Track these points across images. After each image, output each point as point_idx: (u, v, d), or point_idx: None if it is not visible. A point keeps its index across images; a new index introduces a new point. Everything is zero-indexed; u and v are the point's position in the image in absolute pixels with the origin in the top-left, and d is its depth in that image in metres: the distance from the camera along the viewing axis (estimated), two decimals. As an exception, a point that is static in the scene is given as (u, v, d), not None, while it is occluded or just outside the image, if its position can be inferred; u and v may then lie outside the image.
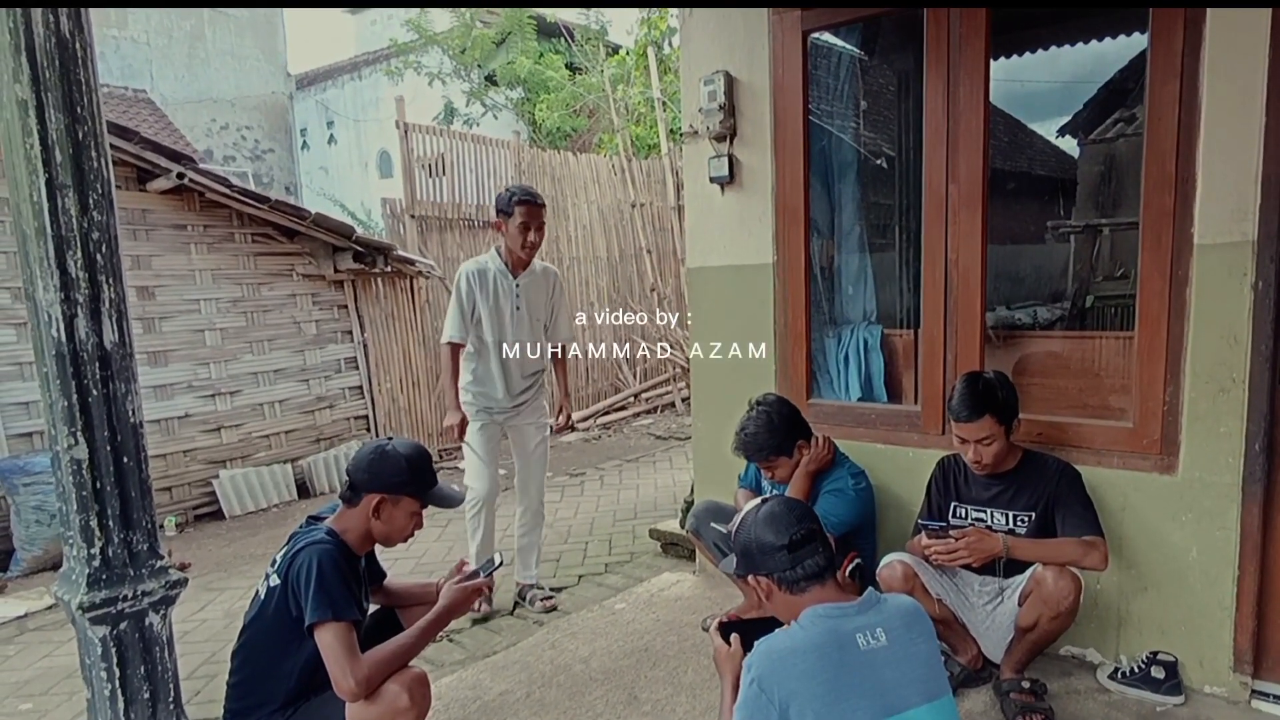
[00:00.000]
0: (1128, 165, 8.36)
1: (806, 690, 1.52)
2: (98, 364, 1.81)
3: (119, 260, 1.84)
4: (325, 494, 6.14)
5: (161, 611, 1.91)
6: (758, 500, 1.82)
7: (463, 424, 3.51)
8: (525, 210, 3.42)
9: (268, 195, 5.77)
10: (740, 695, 1.60)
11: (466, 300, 3.47)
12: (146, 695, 1.90)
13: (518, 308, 3.53)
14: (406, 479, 2.21)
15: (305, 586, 2.04)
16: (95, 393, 1.80)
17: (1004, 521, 2.54)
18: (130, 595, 1.84)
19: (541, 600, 3.66)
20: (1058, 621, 2.36)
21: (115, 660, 1.86)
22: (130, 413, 1.86)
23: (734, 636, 1.86)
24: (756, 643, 1.63)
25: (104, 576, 1.81)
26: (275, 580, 2.13)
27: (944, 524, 2.52)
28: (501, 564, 2.48)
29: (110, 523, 1.83)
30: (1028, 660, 2.51)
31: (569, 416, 3.84)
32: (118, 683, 1.87)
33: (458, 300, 3.47)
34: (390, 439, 2.29)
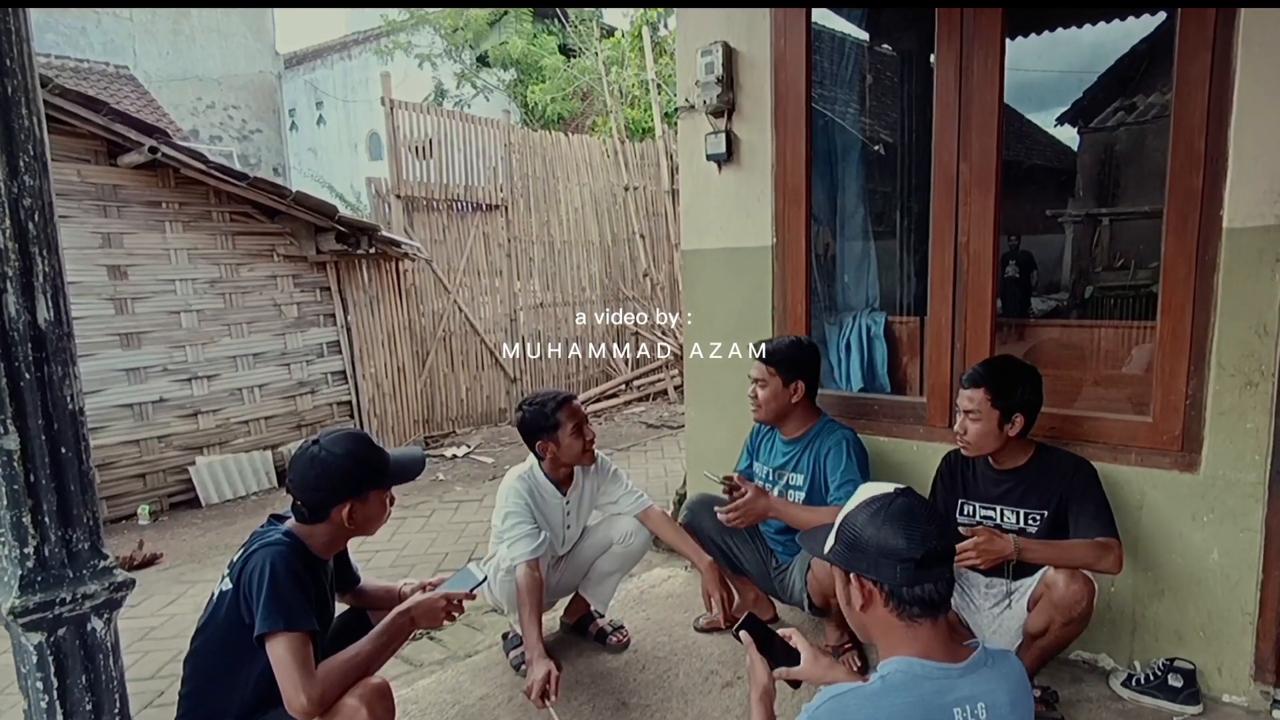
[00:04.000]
0: (1129, 154, 8.25)
1: None
2: (30, 345, 1.63)
3: (55, 230, 1.66)
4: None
5: (105, 616, 1.74)
6: (890, 489, 1.39)
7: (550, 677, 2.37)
8: (571, 410, 2.74)
9: (246, 173, 5.56)
10: None
11: (524, 513, 2.70)
12: (89, 707, 1.74)
13: (568, 526, 2.89)
14: (362, 476, 2.03)
15: (257, 593, 1.87)
16: (28, 376, 1.62)
17: (1014, 520, 2.40)
18: (69, 598, 1.67)
19: (614, 636, 2.96)
20: (1070, 628, 2.21)
21: (53, 669, 1.69)
22: (68, 398, 1.68)
23: (743, 633, 1.62)
24: (827, 693, 1.31)
25: (39, 578, 1.64)
26: (228, 584, 1.96)
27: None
28: (485, 581, 2.27)
29: (46, 519, 1.65)
30: (1037, 667, 2.37)
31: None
32: (55, 694, 1.70)
33: (514, 515, 2.69)
34: (317, 441, 2.04)
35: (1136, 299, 4.87)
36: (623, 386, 8.70)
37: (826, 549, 1.41)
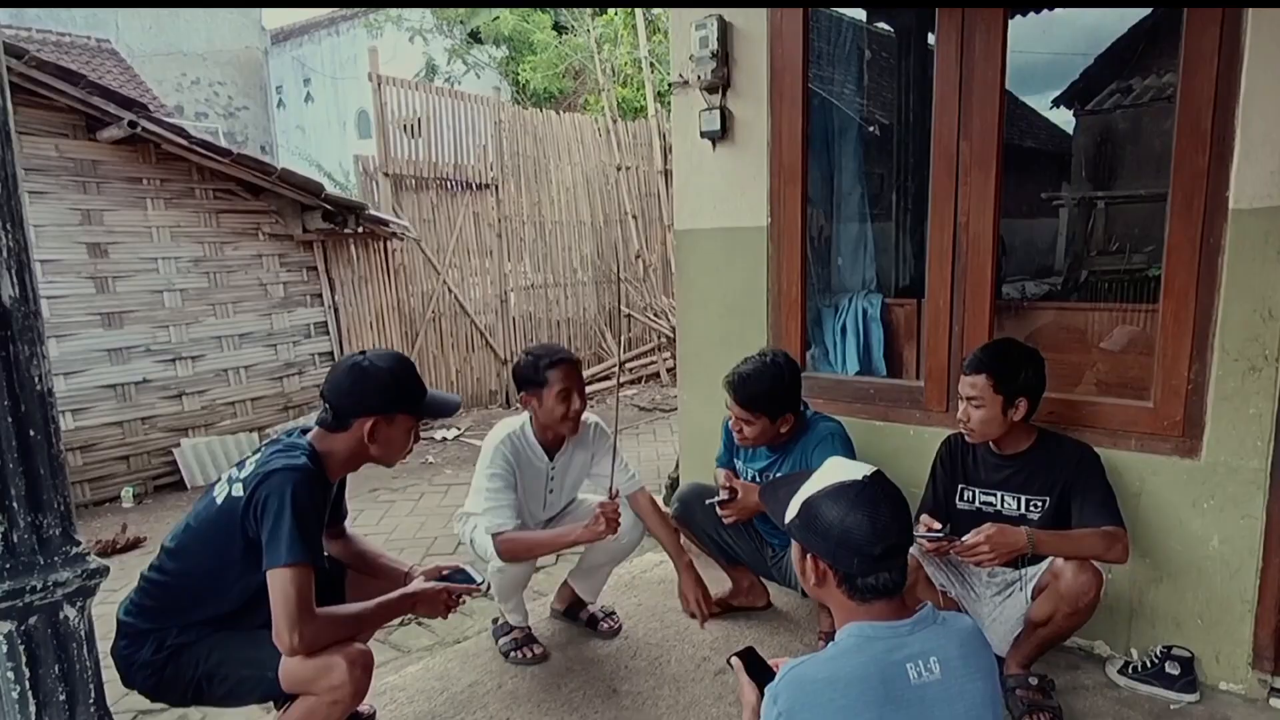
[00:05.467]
0: (1125, 137, 8.19)
1: (845, 716, 1.28)
2: (-7, 323, 1.56)
3: (19, 204, 1.58)
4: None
5: (78, 604, 1.69)
6: (859, 474, 1.40)
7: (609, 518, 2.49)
8: (564, 373, 2.58)
9: (230, 148, 5.44)
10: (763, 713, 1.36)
11: (508, 476, 2.59)
12: (63, 697, 1.68)
13: (550, 491, 2.78)
14: (397, 395, 1.99)
15: (275, 519, 1.81)
16: (-8, 356, 1.56)
17: (1015, 506, 2.35)
18: (40, 586, 1.61)
19: (606, 623, 2.92)
20: (1075, 618, 2.18)
21: (24, 659, 1.63)
22: (36, 379, 1.61)
23: (734, 660, 1.58)
24: (785, 667, 1.37)
25: (8, 566, 1.58)
26: (239, 491, 1.88)
27: (943, 532, 2.28)
28: (486, 588, 2.22)
29: (14, 505, 1.59)
30: (1035, 656, 2.34)
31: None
32: (28, 684, 1.64)
33: (498, 477, 2.57)
34: (364, 353, 2.03)
35: (1133, 283, 4.83)
36: (615, 369, 8.64)
37: (787, 519, 1.44)
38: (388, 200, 6.87)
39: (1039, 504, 2.32)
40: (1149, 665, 2.40)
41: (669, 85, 3.43)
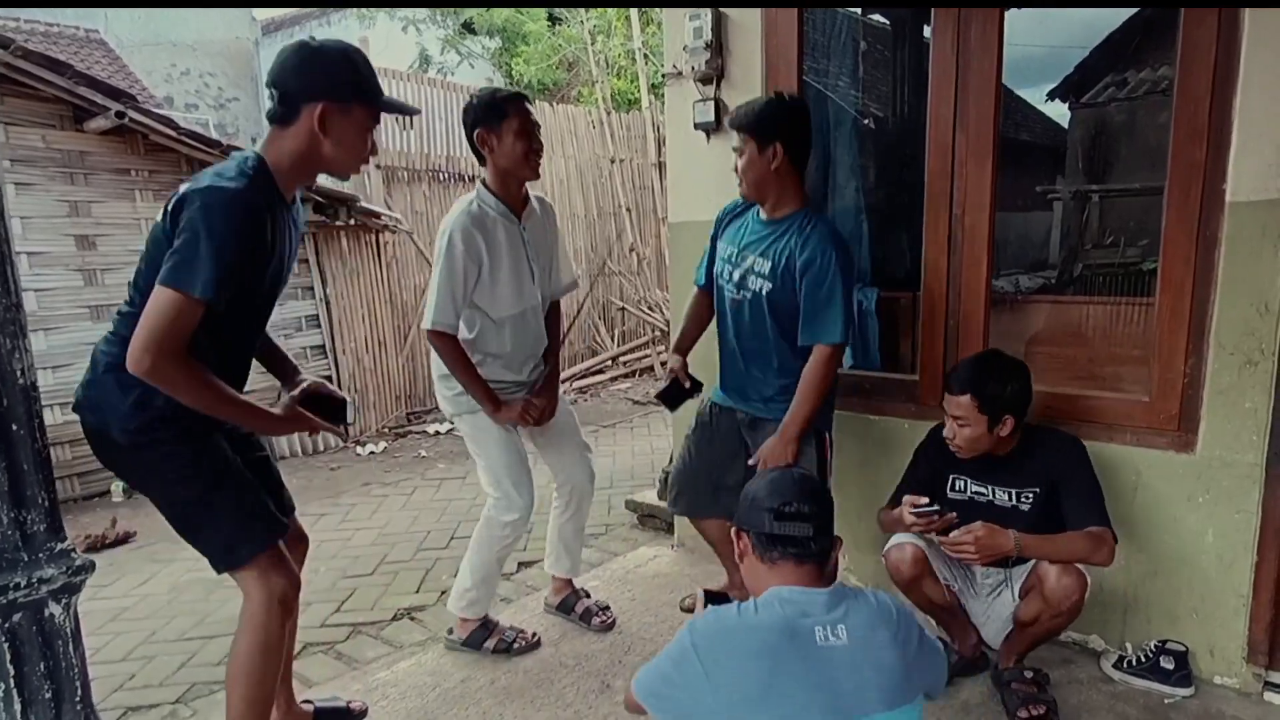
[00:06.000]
0: (1120, 130, 8.19)
1: (741, 672, 1.40)
2: (-26, 316, 1.53)
3: (0, 195, 1.55)
4: (286, 458, 5.88)
5: (63, 601, 1.66)
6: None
7: (522, 408, 2.61)
8: (522, 107, 2.45)
9: (219, 139, 5.39)
10: (675, 646, 1.49)
11: (467, 268, 2.44)
12: (48, 695, 1.66)
13: (531, 260, 2.62)
14: (351, 77, 1.78)
15: (187, 242, 1.63)
16: (-28, 350, 1.53)
17: (1007, 499, 2.34)
18: (24, 583, 1.58)
19: (599, 617, 2.88)
20: (1060, 619, 2.18)
21: (9, 657, 1.61)
22: (19, 372, 1.58)
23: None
24: (710, 609, 1.53)
25: (-9, 563, 1.56)
26: (161, 226, 1.72)
27: (935, 507, 2.26)
28: (352, 420, 2.13)
29: (-3, 500, 1.57)
30: (1027, 651, 2.33)
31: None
32: (13, 682, 1.62)
33: (451, 270, 2.42)
34: (312, 37, 1.81)
35: (1127, 276, 4.83)
36: (609, 362, 8.62)
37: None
38: (379, 192, 6.83)
39: (1030, 495, 2.31)
40: (1144, 659, 2.39)
41: (663, 77, 3.40)
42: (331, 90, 1.77)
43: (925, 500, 2.26)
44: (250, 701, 1.97)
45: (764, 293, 2.42)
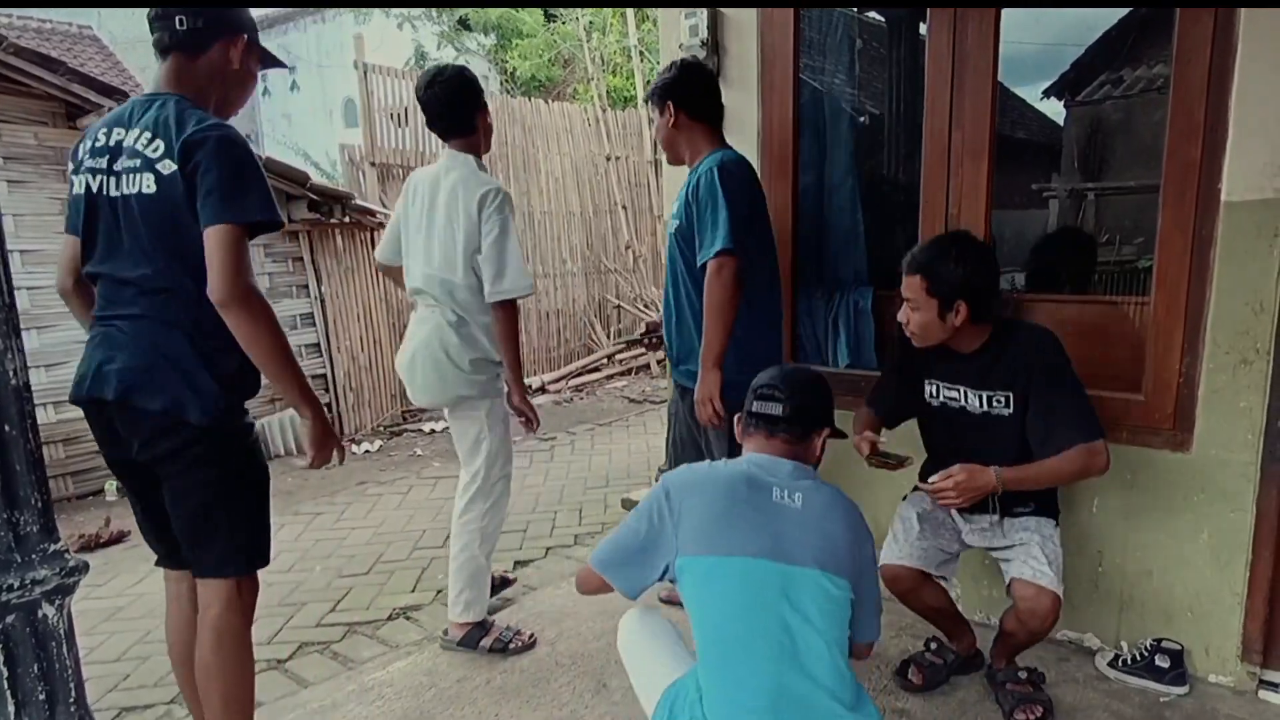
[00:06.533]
0: (1116, 128, 8.21)
1: (702, 506, 1.62)
2: (-36, 316, 1.52)
3: (-8, 192, 1.54)
4: (281, 456, 5.86)
5: (57, 602, 1.65)
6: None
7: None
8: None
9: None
10: (639, 506, 1.72)
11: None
12: (42, 696, 1.65)
13: None
14: (246, 18, 1.91)
15: (226, 170, 1.70)
16: (-37, 350, 1.51)
17: (979, 404, 2.19)
18: (17, 584, 1.58)
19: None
20: (1037, 635, 2.18)
21: (2, 659, 1.60)
22: (11, 373, 1.57)
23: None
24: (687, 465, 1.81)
25: (-16, 564, 1.55)
26: (166, 165, 1.71)
27: (888, 452, 2.22)
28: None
29: (-11, 502, 1.56)
30: (1010, 656, 2.33)
31: None
32: (6, 684, 1.61)
33: (513, 235, 2.58)
34: None
35: (1123, 274, 4.84)
36: (605, 360, 8.61)
37: None
38: (374, 190, 6.81)
39: (1002, 399, 2.17)
40: (1139, 658, 2.40)
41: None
42: (237, 25, 1.88)
43: (873, 437, 2.25)
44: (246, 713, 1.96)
45: (672, 231, 2.52)
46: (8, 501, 1.58)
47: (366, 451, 6.09)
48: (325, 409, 2.12)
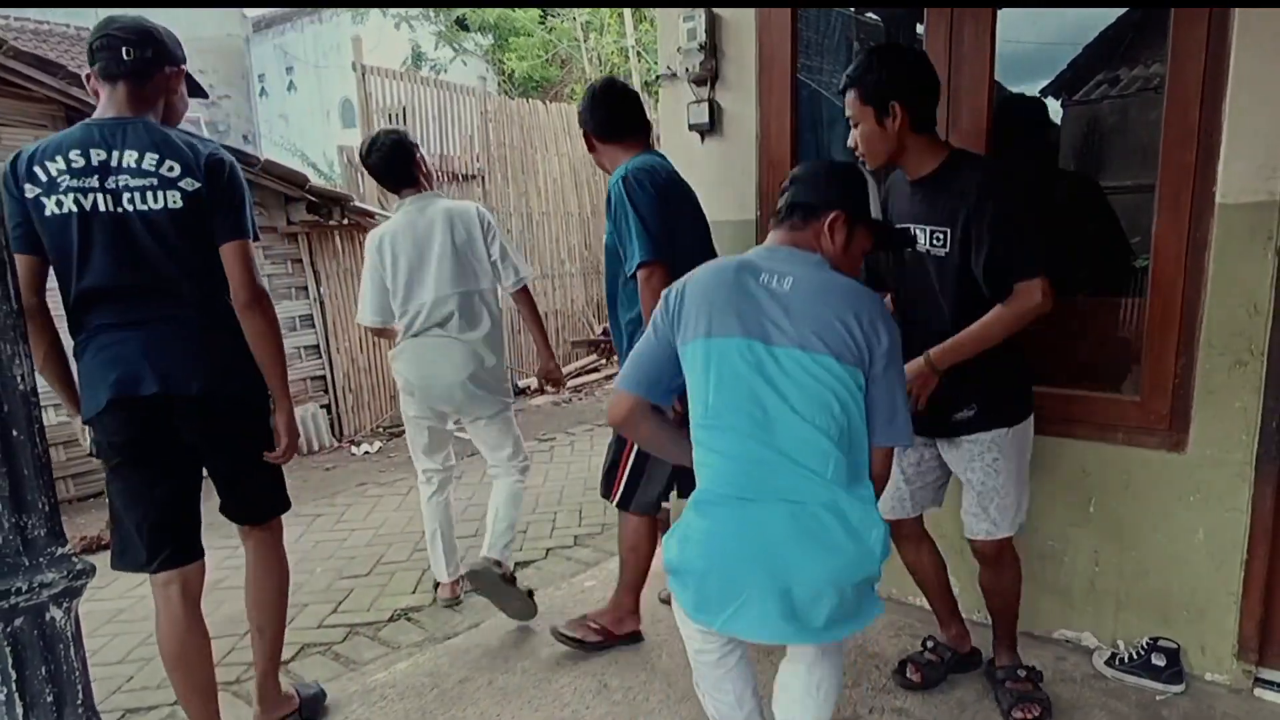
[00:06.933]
0: (1113, 128, 8.23)
1: (694, 298, 1.68)
2: (-25, 323, 1.53)
3: (0, 203, 1.55)
4: (281, 457, 5.87)
5: (64, 604, 1.66)
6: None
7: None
8: None
9: (212, 139, 5.37)
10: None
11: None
12: (50, 699, 1.66)
13: None
14: (180, 51, 2.11)
15: (240, 200, 2.06)
16: (-27, 356, 1.53)
17: (923, 240, 2.09)
18: (25, 588, 1.58)
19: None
20: (1004, 591, 2.29)
21: (10, 661, 1.60)
22: (19, 379, 1.57)
23: None
24: None
25: (-9, 568, 1.57)
26: (190, 183, 1.98)
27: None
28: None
29: (-2, 505, 1.57)
30: (1013, 631, 2.35)
31: None
32: (14, 686, 1.61)
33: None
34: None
35: (1119, 273, 4.88)
36: (603, 361, 8.62)
37: None
38: (373, 191, 6.82)
39: (941, 235, 2.06)
40: (1136, 656, 2.42)
41: (657, 77, 3.41)
42: (176, 58, 2.09)
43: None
44: (282, 629, 2.37)
45: (606, 245, 2.62)
46: (16, 506, 1.58)
47: (366, 453, 6.10)
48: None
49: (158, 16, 2.12)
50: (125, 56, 1.97)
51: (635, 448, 2.60)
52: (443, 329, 2.99)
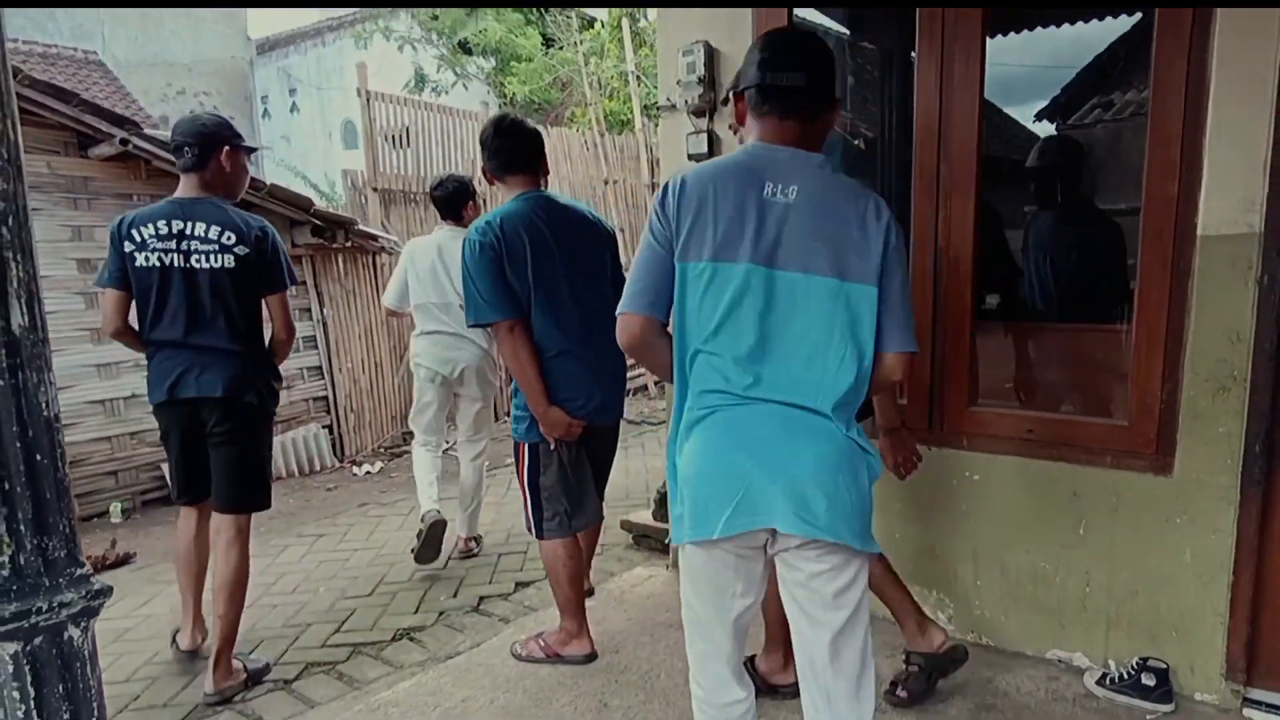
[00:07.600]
0: (1106, 152, 8.33)
1: (692, 211, 1.58)
2: (4, 351, 1.58)
3: (30, 234, 1.61)
4: (283, 478, 5.92)
5: (82, 624, 1.71)
6: None
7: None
8: None
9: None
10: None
11: None
12: (67, 716, 1.70)
13: None
14: (233, 129, 2.79)
15: (282, 257, 2.80)
16: (1, 384, 1.59)
17: None
18: (45, 608, 1.63)
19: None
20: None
21: (29, 679, 1.65)
22: (43, 405, 1.63)
23: None
24: None
25: (14, 587, 1.60)
26: (243, 249, 2.68)
27: None
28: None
29: (21, 528, 1.61)
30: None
31: None
32: (33, 704, 1.66)
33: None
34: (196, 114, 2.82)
35: (1108, 300, 4.96)
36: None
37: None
38: (376, 214, 6.91)
39: None
40: (1126, 676, 2.47)
41: (658, 108, 3.50)
42: (228, 138, 2.77)
43: None
44: (238, 614, 2.85)
45: None
46: (38, 528, 1.64)
47: (368, 473, 6.14)
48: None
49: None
50: (188, 155, 2.69)
51: (528, 478, 2.73)
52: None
